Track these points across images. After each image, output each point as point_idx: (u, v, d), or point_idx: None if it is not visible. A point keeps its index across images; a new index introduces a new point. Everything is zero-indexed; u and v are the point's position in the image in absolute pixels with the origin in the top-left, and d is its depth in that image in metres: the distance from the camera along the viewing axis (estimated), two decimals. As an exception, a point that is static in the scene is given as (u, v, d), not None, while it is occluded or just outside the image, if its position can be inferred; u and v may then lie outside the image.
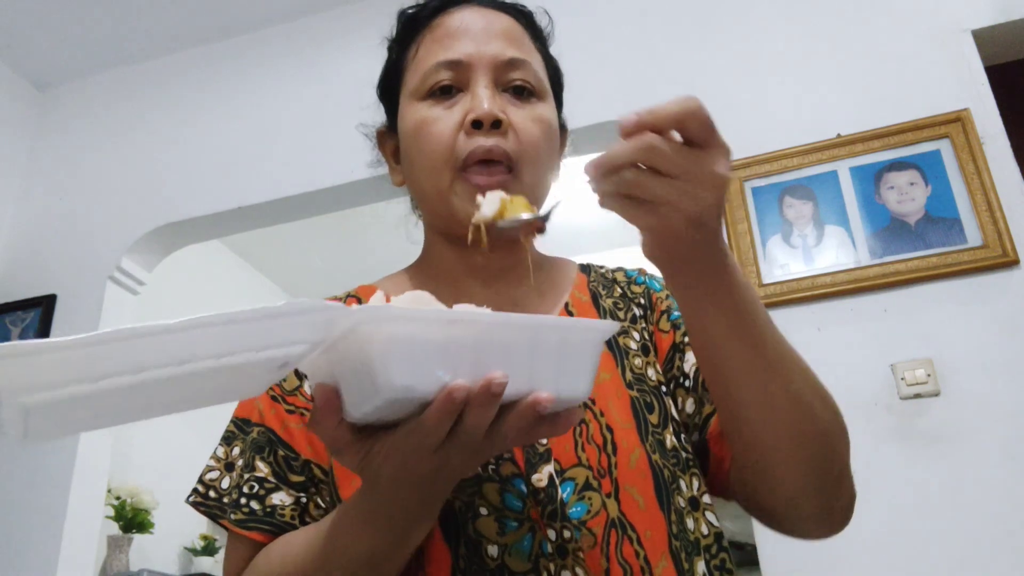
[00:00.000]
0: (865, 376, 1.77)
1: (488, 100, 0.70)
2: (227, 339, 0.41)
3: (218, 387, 0.47)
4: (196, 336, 0.40)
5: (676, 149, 0.50)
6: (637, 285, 0.80)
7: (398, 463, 0.50)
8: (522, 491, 0.63)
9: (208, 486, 0.70)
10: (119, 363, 0.39)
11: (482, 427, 0.48)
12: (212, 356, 0.41)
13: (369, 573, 0.58)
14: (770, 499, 0.65)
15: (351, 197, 2.53)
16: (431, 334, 0.45)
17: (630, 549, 0.61)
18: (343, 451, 0.51)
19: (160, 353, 0.39)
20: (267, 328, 0.42)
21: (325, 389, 0.49)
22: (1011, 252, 1.76)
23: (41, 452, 2.39)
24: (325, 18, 2.78)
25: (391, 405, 0.46)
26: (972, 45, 1.99)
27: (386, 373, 0.44)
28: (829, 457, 0.63)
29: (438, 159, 0.71)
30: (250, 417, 0.72)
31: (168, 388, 0.43)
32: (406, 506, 0.54)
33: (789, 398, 0.60)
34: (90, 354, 0.38)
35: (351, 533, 0.57)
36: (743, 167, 2.05)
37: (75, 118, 2.95)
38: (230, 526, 0.67)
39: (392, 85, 0.80)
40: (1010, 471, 1.62)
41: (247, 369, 0.44)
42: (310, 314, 0.43)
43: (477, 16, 0.76)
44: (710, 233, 0.54)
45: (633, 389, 0.70)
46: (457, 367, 0.46)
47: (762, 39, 2.20)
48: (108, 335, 0.38)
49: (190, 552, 3.42)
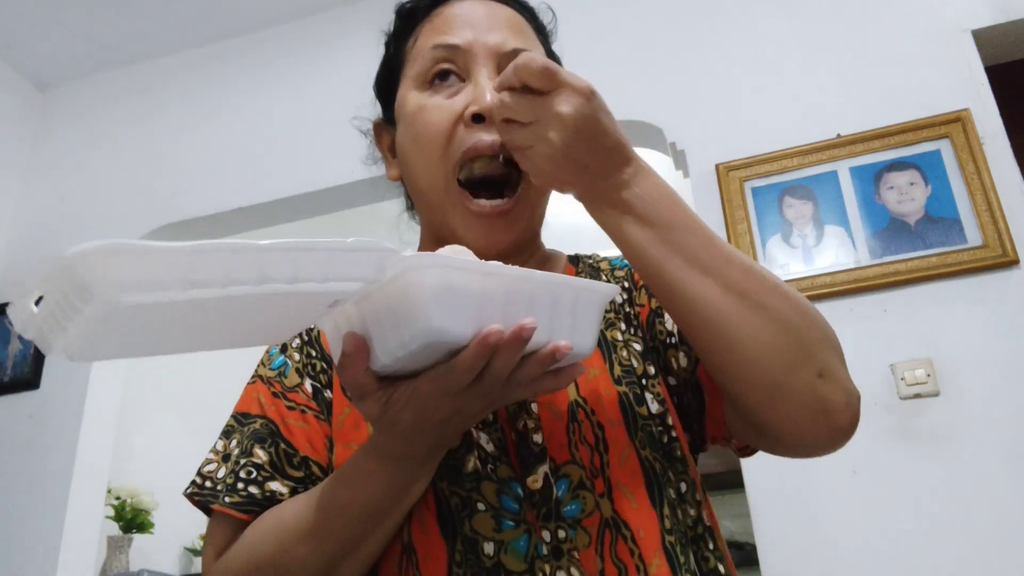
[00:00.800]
0: (865, 376, 1.77)
1: (491, 91, 0.67)
2: (301, 264, 0.44)
3: (270, 321, 0.50)
4: (277, 258, 0.43)
5: (518, 99, 0.61)
6: (620, 270, 0.80)
7: (418, 407, 0.52)
8: (519, 494, 0.63)
9: (205, 477, 0.70)
10: (210, 274, 0.41)
11: (506, 372, 0.51)
12: (284, 280, 0.44)
13: (366, 527, 0.59)
14: (752, 403, 0.62)
15: (351, 197, 2.53)
16: (470, 283, 0.49)
17: (624, 548, 0.61)
18: (366, 397, 0.53)
19: (242, 268, 0.42)
20: (332, 259, 0.46)
21: (355, 336, 0.51)
22: (1011, 252, 1.76)
23: (41, 452, 2.39)
24: (325, 19, 2.78)
25: (425, 350, 0.49)
26: (972, 45, 1.99)
27: (427, 316, 0.47)
28: (804, 346, 0.60)
29: (435, 152, 0.70)
30: (250, 410, 0.72)
31: (239, 312, 0.45)
32: (415, 451, 0.57)
33: (732, 295, 0.60)
34: (188, 261, 0.41)
35: (356, 480, 0.59)
36: (743, 167, 2.05)
37: (75, 118, 2.95)
38: (223, 508, 0.66)
39: (390, 79, 0.79)
40: (1010, 471, 1.62)
41: (307, 301, 0.47)
42: (371, 252, 0.47)
43: (479, 6, 0.74)
44: (578, 164, 0.61)
45: (622, 384, 0.69)
46: (490, 315, 0.50)
47: (762, 39, 2.20)
48: (204, 246, 0.41)
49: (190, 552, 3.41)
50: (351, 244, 0.46)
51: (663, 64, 2.28)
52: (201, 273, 0.41)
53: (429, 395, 0.51)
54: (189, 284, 0.41)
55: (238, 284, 0.42)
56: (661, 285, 0.63)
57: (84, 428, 2.40)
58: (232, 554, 0.64)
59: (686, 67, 2.25)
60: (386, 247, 0.48)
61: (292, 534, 0.61)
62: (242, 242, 0.42)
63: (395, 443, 0.56)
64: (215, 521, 0.68)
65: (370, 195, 2.48)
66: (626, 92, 2.27)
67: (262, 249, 0.43)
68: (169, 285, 0.40)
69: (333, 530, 0.59)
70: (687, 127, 2.17)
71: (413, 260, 0.48)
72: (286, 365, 0.73)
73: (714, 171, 2.07)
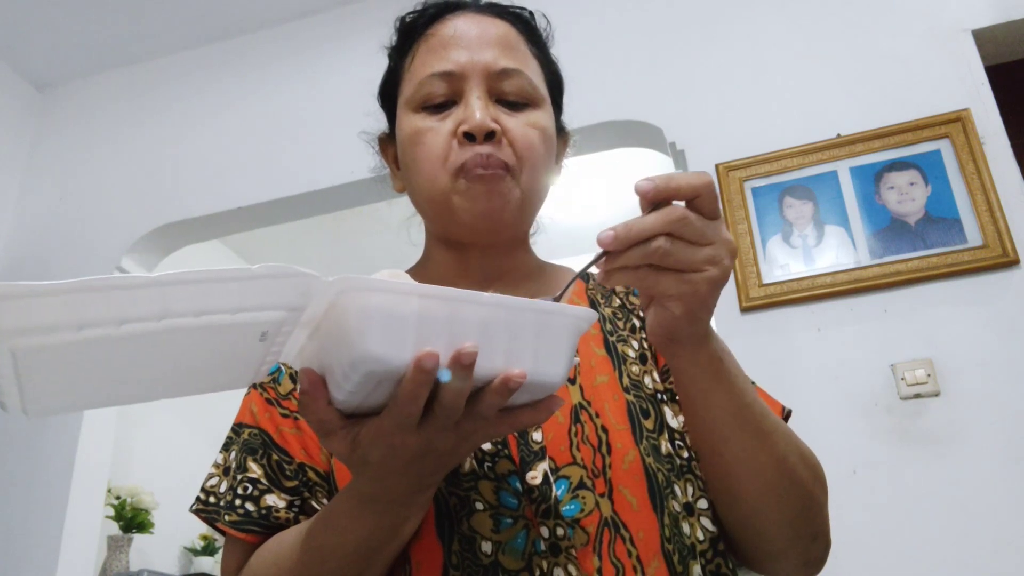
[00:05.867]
0: (865, 376, 1.77)
1: (480, 111, 0.70)
2: (201, 296, 0.41)
3: (204, 362, 0.47)
4: (172, 291, 0.41)
5: (699, 219, 0.53)
6: (635, 296, 0.80)
7: (384, 446, 0.50)
8: (517, 489, 0.63)
9: (208, 492, 0.70)
10: (100, 311, 0.39)
11: (458, 402, 0.48)
12: (188, 313, 0.41)
13: (361, 565, 0.58)
14: (754, 553, 0.68)
15: (351, 197, 2.53)
16: (406, 305, 0.46)
17: (623, 548, 0.61)
18: (331, 435, 0.51)
19: (137, 305, 0.40)
20: (241, 289, 0.43)
21: (309, 372, 0.49)
22: (1011, 252, 1.75)
23: (41, 452, 2.39)
24: (324, 19, 2.78)
25: (371, 380, 0.46)
26: (972, 45, 1.99)
27: (362, 343, 0.45)
28: (812, 516, 0.66)
29: (433, 171, 0.72)
30: (244, 421, 0.72)
31: (153, 353, 0.43)
32: (394, 495, 0.55)
33: (775, 462, 0.63)
34: (72, 300, 0.38)
35: (342, 525, 0.58)
36: (743, 167, 2.05)
37: (75, 118, 2.95)
38: (226, 528, 0.67)
39: (391, 92, 0.81)
40: (1010, 471, 1.62)
41: (228, 337, 0.44)
42: (284, 279, 0.44)
43: (471, 24, 0.75)
44: (715, 301, 0.57)
45: (629, 394, 0.70)
46: (433, 340, 0.46)
47: (762, 39, 2.20)
48: (89, 283, 0.38)
49: (190, 552, 3.42)
50: (254, 271, 0.43)
51: (663, 64, 2.28)
52: (88, 311, 0.39)
53: (391, 431, 0.49)
54: (79, 323, 0.39)
55: (136, 321, 0.40)
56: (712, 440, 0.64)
57: (84, 428, 2.40)
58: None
59: (686, 67, 2.25)
60: (302, 272, 0.44)
61: (292, 565, 0.61)
62: (137, 276, 0.39)
63: (372, 486, 0.54)
64: (227, 545, 0.70)
65: (370, 195, 2.48)
66: (626, 92, 2.27)
67: (149, 283, 0.40)
68: (59, 327, 0.39)
69: (328, 570, 0.59)
70: (687, 127, 2.17)
71: (343, 283, 0.45)
72: (280, 371, 0.74)
73: (714, 171, 2.07)
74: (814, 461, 0.68)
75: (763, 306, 1.90)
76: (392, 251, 0.95)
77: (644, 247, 0.52)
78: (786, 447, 0.64)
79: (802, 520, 0.65)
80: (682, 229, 0.52)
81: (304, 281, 0.44)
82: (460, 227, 0.73)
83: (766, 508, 0.64)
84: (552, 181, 0.77)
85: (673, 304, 0.56)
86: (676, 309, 0.56)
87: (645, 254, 0.52)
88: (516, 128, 0.72)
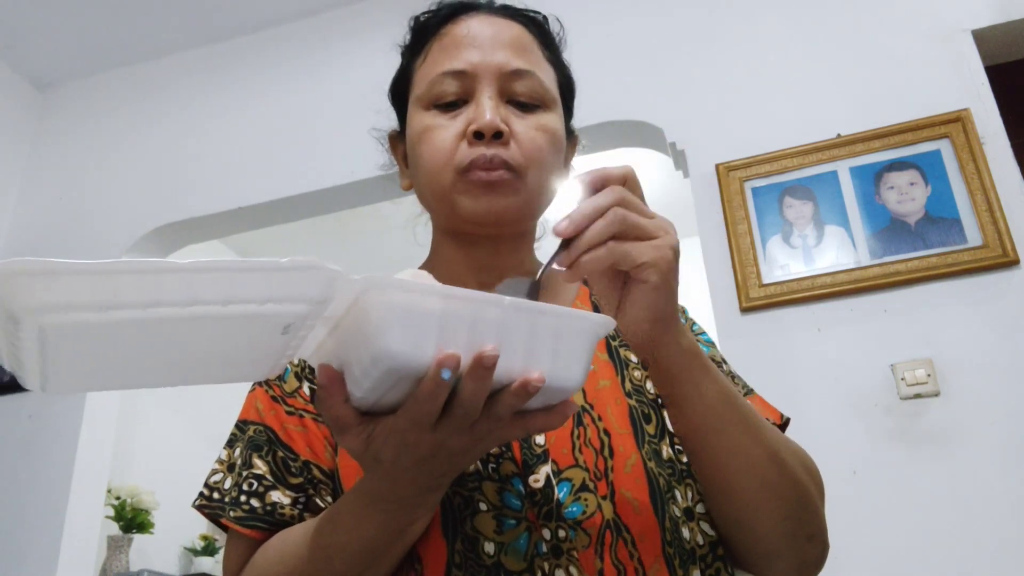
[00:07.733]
0: (865, 376, 1.77)
1: (491, 111, 0.71)
2: (229, 284, 0.42)
3: (225, 352, 0.47)
4: (202, 278, 0.41)
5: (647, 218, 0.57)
6: None
7: (398, 443, 0.50)
8: (520, 491, 0.63)
9: (212, 488, 0.70)
10: (129, 294, 0.39)
11: (476, 403, 0.48)
12: (216, 301, 0.42)
13: (367, 564, 0.58)
14: (749, 554, 0.67)
15: (351, 197, 2.53)
16: (428, 305, 0.46)
17: (624, 551, 0.62)
18: (346, 431, 0.51)
19: (166, 289, 0.40)
20: (268, 280, 0.43)
21: (327, 368, 0.50)
22: (1011, 252, 1.76)
23: (41, 452, 2.39)
24: (325, 20, 2.78)
25: (390, 378, 0.47)
26: (972, 45, 1.99)
27: (383, 340, 0.45)
28: (807, 514, 0.66)
29: (440, 168, 0.72)
30: (249, 418, 0.72)
31: (176, 340, 0.43)
32: (403, 494, 0.55)
33: (768, 455, 0.63)
34: (102, 281, 0.39)
35: (349, 524, 0.58)
36: (743, 167, 2.05)
37: (75, 119, 2.95)
38: (230, 524, 0.67)
39: (402, 90, 0.81)
40: (1010, 471, 1.62)
41: (251, 327, 0.45)
42: (311, 271, 0.44)
43: (485, 25, 0.76)
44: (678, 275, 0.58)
45: (632, 398, 0.70)
46: (454, 341, 0.46)
47: (762, 39, 2.20)
48: (119, 264, 0.39)
49: (190, 552, 3.42)
50: (283, 264, 0.43)
51: (663, 64, 2.28)
52: (120, 295, 0.39)
53: (406, 429, 0.49)
54: (109, 306, 0.39)
55: (162, 306, 0.40)
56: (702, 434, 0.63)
57: (84, 428, 2.40)
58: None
59: (686, 67, 2.25)
60: (329, 267, 0.44)
61: (298, 563, 0.61)
62: (167, 261, 0.40)
63: (381, 484, 0.55)
64: (230, 540, 0.69)
65: (371, 195, 2.48)
66: (626, 92, 2.27)
67: (188, 269, 0.40)
68: (88, 307, 0.39)
69: (334, 569, 0.59)
70: (687, 127, 2.17)
71: (368, 281, 0.45)
72: (285, 369, 0.74)
73: (714, 171, 2.07)
74: (809, 460, 0.68)
75: (763, 306, 1.90)
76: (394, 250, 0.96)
77: (604, 219, 0.54)
78: (778, 441, 0.65)
79: (797, 518, 0.65)
80: (628, 202, 0.56)
81: (330, 276, 0.45)
82: (464, 222, 0.74)
83: (760, 504, 0.63)
84: (561, 183, 0.78)
85: (649, 271, 0.56)
86: (653, 276, 0.56)
87: (607, 224, 0.54)
88: (525, 130, 0.72)
